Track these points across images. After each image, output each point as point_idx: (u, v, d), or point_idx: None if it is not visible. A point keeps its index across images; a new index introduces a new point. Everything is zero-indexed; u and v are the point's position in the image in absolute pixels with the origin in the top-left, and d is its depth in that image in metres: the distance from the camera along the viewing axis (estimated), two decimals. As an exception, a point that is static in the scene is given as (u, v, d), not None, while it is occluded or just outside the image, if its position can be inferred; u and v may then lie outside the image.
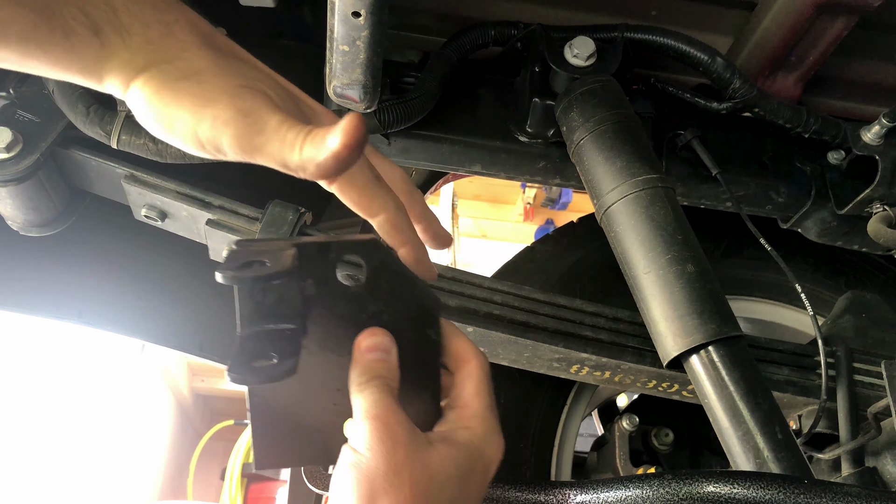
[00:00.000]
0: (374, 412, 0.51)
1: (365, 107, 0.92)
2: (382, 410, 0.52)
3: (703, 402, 0.85)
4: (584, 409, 1.26)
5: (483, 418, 0.57)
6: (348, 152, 0.46)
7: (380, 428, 0.51)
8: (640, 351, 0.97)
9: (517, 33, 1.05)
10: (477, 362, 0.59)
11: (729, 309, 0.86)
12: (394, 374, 0.55)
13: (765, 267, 1.36)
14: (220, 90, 0.49)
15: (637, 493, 0.72)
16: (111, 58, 0.49)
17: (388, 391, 0.53)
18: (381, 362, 0.55)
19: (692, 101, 1.10)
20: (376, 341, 0.56)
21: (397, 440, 0.50)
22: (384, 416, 0.51)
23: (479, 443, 0.56)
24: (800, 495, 0.66)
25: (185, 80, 0.49)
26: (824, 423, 0.99)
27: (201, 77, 0.49)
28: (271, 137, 0.48)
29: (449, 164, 1.09)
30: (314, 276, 0.53)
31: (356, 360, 0.55)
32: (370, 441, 0.50)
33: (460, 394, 0.58)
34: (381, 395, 0.53)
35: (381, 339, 0.56)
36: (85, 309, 1.10)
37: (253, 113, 0.48)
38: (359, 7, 0.73)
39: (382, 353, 0.55)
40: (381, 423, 0.51)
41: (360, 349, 0.55)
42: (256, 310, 0.51)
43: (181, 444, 3.81)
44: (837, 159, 1.15)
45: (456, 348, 0.60)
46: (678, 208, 0.89)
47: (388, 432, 0.51)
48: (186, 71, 0.49)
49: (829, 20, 1.02)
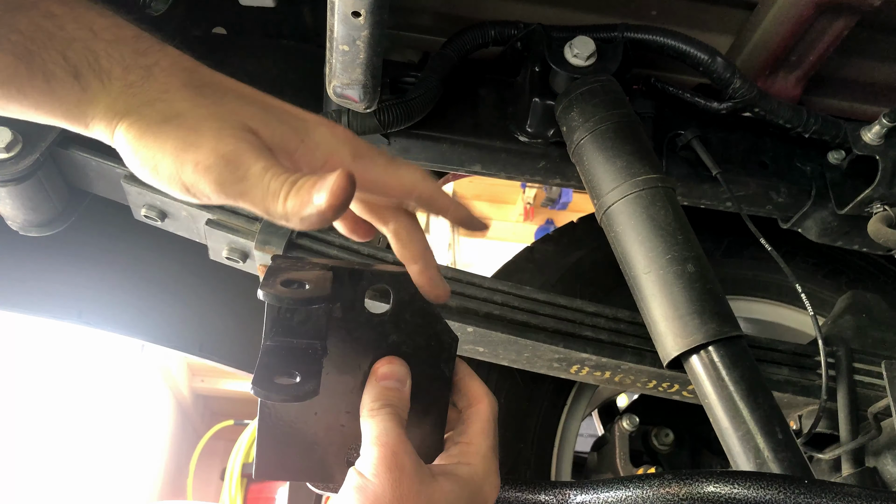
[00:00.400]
0: (385, 440, 0.52)
1: (365, 106, 0.92)
2: (392, 439, 0.53)
3: (703, 402, 0.85)
4: (584, 409, 1.26)
5: (486, 457, 0.58)
6: (332, 212, 0.45)
7: (388, 456, 0.51)
8: (640, 351, 0.97)
9: (517, 33, 1.05)
10: (487, 404, 0.60)
11: (729, 309, 0.86)
12: (405, 405, 0.56)
13: (765, 267, 1.36)
14: (202, 134, 0.48)
15: (637, 493, 0.72)
16: (93, 102, 0.48)
17: (399, 421, 0.54)
18: (395, 391, 0.56)
19: (692, 101, 1.10)
20: (393, 370, 0.57)
21: (404, 470, 0.51)
22: (393, 445, 0.52)
23: (480, 480, 0.57)
24: (800, 495, 0.65)
25: (167, 123, 0.48)
26: (824, 423, 0.99)
27: (183, 120, 0.48)
28: (255, 185, 0.47)
29: (449, 164, 1.09)
30: (343, 301, 0.55)
31: (371, 385, 0.57)
32: (377, 468, 0.51)
33: (467, 430, 0.60)
34: (391, 424, 0.54)
35: (398, 368, 0.57)
36: (85, 309, 1.10)
37: (235, 159, 0.47)
38: (359, 7, 0.73)
39: (397, 383, 0.57)
40: (389, 452, 0.52)
41: (376, 375, 0.57)
42: (284, 325, 0.53)
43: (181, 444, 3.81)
44: (838, 159, 1.15)
45: (469, 388, 0.61)
46: (678, 208, 0.89)
47: (395, 461, 0.51)
48: (168, 114, 0.48)
49: (829, 20, 1.02)
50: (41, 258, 1.09)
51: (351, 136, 0.54)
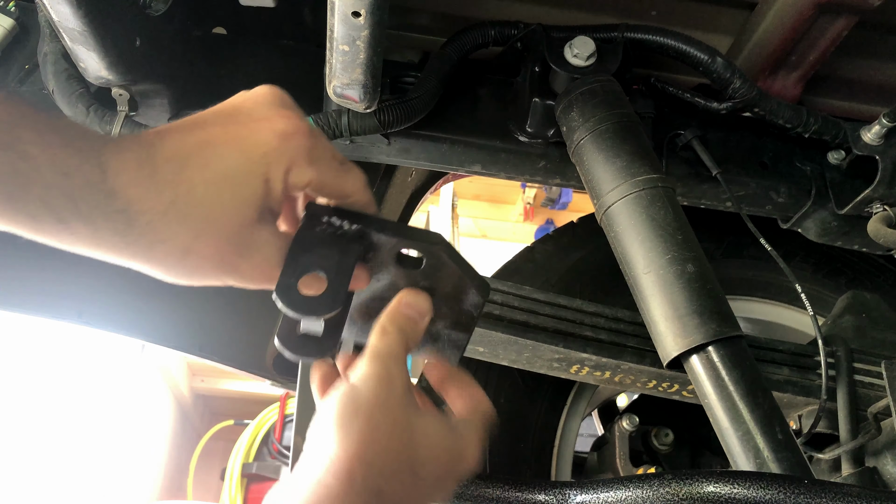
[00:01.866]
0: (384, 356, 0.51)
1: (365, 106, 0.92)
2: (391, 359, 0.52)
3: (703, 402, 0.85)
4: (584, 409, 1.26)
5: (476, 430, 0.58)
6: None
7: (381, 371, 0.51)
8: (640, 351, 0.97)
9: (517, 33, 1.05)
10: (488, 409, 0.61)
11: (729, 309, 0.86)
12: (416, 337, 0.56)
13: (765, 267, 1.36)
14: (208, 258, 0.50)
15: (637, 493, 0.72)
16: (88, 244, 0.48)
17: (404, 347, 0.54)
18: (412, 321, 0.55)
19: (692, 101, 1.10)
20: (418, 301, 0.56)
21: (393, 389, 0.50)
22: (390, 364, 0.51)
23: (466, 441, 0.56)
24: (800, 495, 0.65)
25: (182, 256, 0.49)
26: (824, 423, 0.99)
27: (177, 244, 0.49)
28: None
29: (449, 164, 1.09)
30: (373, 249, 0.55)
31: (392, 307, 0.55)
32: (368, 379, 0.50)
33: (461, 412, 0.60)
34: (396, 347, 0.53)
35: (422, 301, 0.56)
36: (85, 309, 1.10)
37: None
38: (359, 7, 0.73)
39: (417, 314, 0.56)
40: (384, 368, 0.51)
41: (400, 300, 0.56)
42: (316, 240, 0.52)
43: (181, 444, 3.81)
44: (837, 159, 1.14)
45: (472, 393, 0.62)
46: (678, 208, 0.89)
47: (388, 377, 0.51)
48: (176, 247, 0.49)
49: (829, 20, 1.02)
50: (41, 258, 1.09)
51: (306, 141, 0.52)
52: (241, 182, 0.49)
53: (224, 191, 0.48)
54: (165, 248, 0.48)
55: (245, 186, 0.49)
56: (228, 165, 0.49)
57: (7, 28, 1.04)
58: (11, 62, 1.05)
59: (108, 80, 0.90)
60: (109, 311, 1.12)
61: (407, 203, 1.49)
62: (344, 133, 0.97)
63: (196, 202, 0.47)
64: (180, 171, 0.48)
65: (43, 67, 0.97)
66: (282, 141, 0.50)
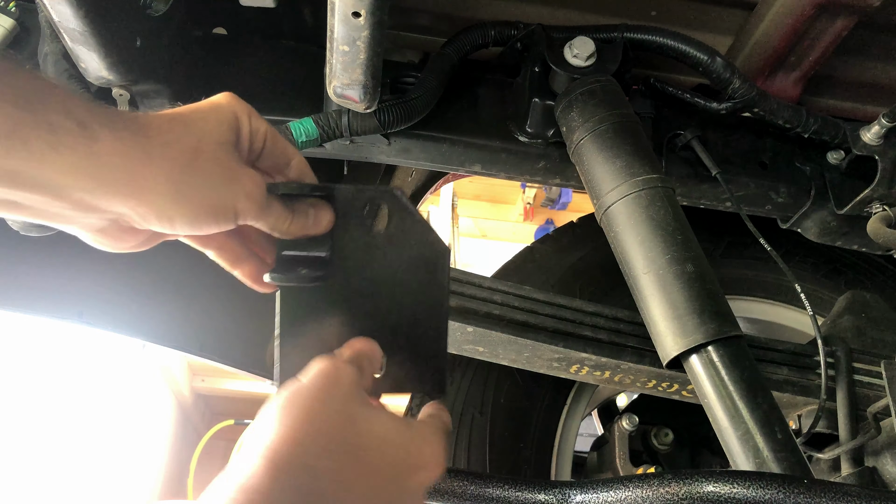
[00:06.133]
0: (332, 359, 0.54)
1: (365, 107, 0.92)
2: (339, 360, 0.54)
3: (702, 402, 0.85)
4: (584, 409, 1.26)
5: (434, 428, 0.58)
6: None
7: (328, 368, 0.52)
8: (639, 351, 0.97)
9: (517, 33, 1.05)
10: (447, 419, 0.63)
11: (729, 309, 0.86)
12: (369, 373, 0.59)
13: (765, 267, 1.36)
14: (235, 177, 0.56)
15: (637, 493, 0.72)
16: (102, 156, 0.48)
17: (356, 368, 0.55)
18: (367, 360, 0.59)
19: (692, 101, 1.10)
20: (369, 347, 0.60)
21: (339, 382, 0.52)
22: (339, 365, 0.53)
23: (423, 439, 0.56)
24: (800, 495, 0.66)
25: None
26: (824, 422, 0.99)
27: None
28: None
29: (449, 164, 1.09)
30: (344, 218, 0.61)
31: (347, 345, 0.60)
32: (314, 375, 0.52)
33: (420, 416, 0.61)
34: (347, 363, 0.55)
35: (373, 347, 0.61)
36: (85, 309, 1.10)
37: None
38: (359, 7, 0.73)
39: (370, 359, 0.60)
40: (332, 366, 0.53)
41: (352, 345, 0.60)
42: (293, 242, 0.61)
43: (181, 444, 3.81)
44: (837, 159, 1.15)
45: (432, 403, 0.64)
46: (678, 208, 0.89)
47: (334, 373, 0.52)
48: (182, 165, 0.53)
49: (829, 20, 1.03)
50: (41, 258, 1.09)
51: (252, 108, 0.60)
52: (221, 115, 0.57)
53: (210, 117, 0.56)
54: (178, 147, 0.52)
55: (225, 118, 0.57)
56: (207, 107, 0.57)
57: (7, 28, 1.04)
58: (12, 62, 1.05)
59: (108, 81, 0.90)
60: (109, 311, 1.12)
61: (407, 203, 1.49)
62: (344, 133, 0.97)
63: (193, 119, 0.55)
64: (173, 114, 0.55)
65: (43, 68, 0.97)
66: (234, 98, 0.59)
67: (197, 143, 0.53)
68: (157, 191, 0.51)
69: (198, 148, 0.53)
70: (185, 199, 0.52)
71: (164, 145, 0.51)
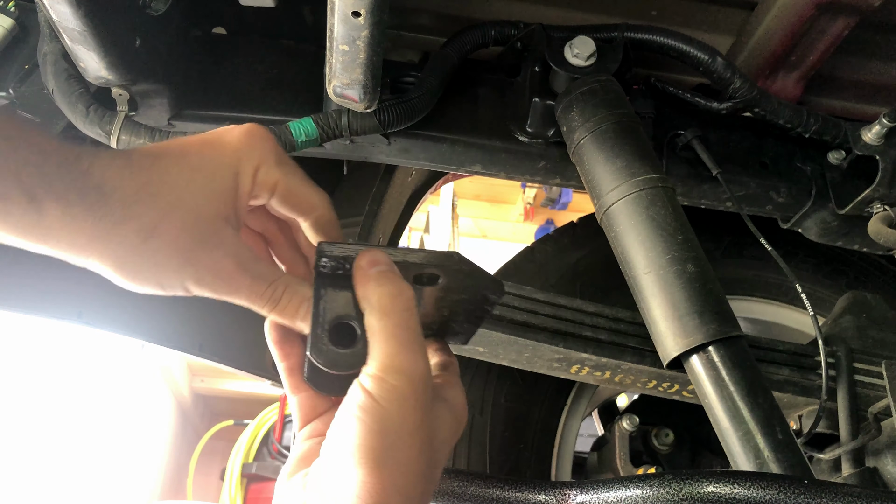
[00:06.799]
0: (409, 372, 0.46)
1: (365, 106, 0.92)
2: (417, 376, 0.47)
3: (703, 402, 0.85)
4: (584, 410, 1.26)
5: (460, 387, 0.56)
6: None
7: (407, 389, 0.46)
8: (640, 351, 0.97)
9: (517, 33, 1.05)
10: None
11: (729, 309, 0.86)
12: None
13: (765, 267, 1.36)
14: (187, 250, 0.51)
15: (637, 493, 0.72)
16: (52, 229, 0.47)
17: (426, 358, 0.49)
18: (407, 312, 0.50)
19: (692, 101, 1.10)
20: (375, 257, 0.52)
21: (421, 404, 0.46)
22: (416, 381, 0.46)
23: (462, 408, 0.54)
24: (800, 495, 0.65)
25: (144, 244, 0.49)
26: (824, 423, 0.99)
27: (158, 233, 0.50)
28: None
29: (449, 164, 1.09)
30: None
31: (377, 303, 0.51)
32: (392, 394, 0.45)
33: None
34: (422, 361, 0.48)
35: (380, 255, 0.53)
36: (85, 309, 1.10)
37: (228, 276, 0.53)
38: (359, 7, 0.73)
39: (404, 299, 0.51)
40: (410, 385, 0.46)
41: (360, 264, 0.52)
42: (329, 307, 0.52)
43: (181, 444, 3.81)
44: (838, 159, 1.14)
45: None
46: (678, 208, 0.89)
47: (414, 395, 0.46)
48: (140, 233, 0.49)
49: (829, 20, 1.02)
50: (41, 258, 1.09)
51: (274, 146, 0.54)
52: (213, 173, 0.51)
53: (196, 179, 0.50)
54: (132, 226, 0.48)
55: (216, 178, 0.51)
56: (202, 157, 0.51)
57: (7, 28, 1.04)
58: (11, 62, 1.05)
59: (107, 81, 0.90)
60: (109, 311, 1.12)
61: (407, 203, 1.49)
62: (344, 133, 0.97)
63: (168, 186, 0.49)
64: (155, 161, 0.50)
65: (43, 67, 0.97)
66: (252, 140, 0.53)
67: (157, 221, 0.49)
68: (105, 263, 0.49)
69: (155, 228, 0.49)
70: (130, 274, 0.50)
71: (118, 223, 0.48)
